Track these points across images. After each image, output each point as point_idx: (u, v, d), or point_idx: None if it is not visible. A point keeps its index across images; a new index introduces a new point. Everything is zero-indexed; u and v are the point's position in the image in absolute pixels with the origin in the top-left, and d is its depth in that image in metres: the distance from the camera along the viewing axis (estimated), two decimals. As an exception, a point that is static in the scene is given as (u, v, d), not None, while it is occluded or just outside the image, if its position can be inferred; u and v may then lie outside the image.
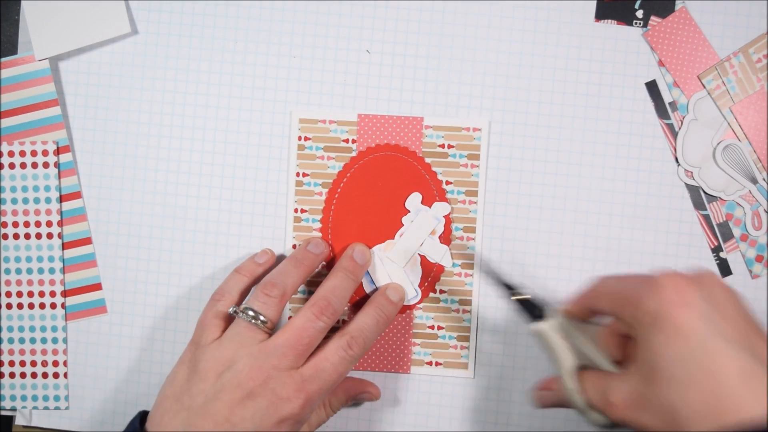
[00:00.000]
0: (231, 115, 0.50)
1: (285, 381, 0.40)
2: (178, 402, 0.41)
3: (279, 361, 0.41)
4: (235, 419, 0.39)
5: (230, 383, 0.40)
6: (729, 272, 0.49)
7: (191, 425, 0.39)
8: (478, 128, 0.49)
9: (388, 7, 0.49)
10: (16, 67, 0.49)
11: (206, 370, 0.41)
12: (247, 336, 0.42)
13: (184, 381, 0.41)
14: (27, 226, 0.50)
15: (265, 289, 0.43)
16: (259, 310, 0.43)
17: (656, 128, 0.49)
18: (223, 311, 0.44)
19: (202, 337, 0.43)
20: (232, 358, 0.41)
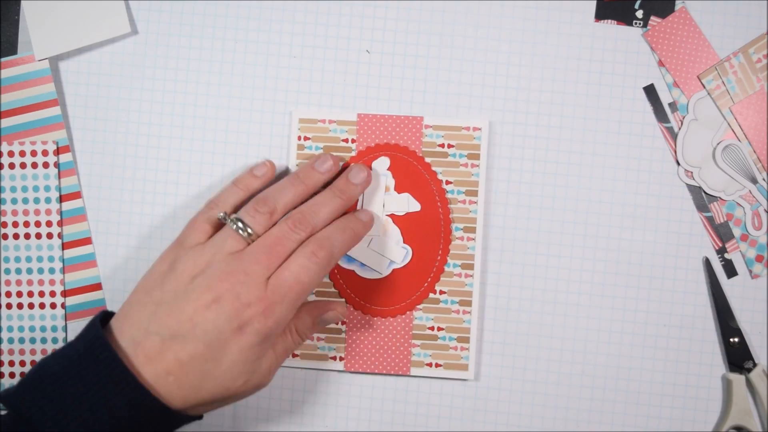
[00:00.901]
0: (231, 115, 0.50)
1: (250, 287, 0.40)
2: (148, 295, 0.41)
3: (249, 267, 0.41)
4: (197, 319, 0.40)
5: (201, 285, 0.40)
6: (734, 273, 0.49)
7: (156, 319, 0.40)
8: (478, 128, 0.49)
9: (388, 7, 0.49)
10: (16, 67, 0.49)
11: (183, 270, 0.41)
12: (230, 244, 0.42)
13: (158, 277, 0.42)
14: (27, 226, 0.50)
15: (257, 204, 0.44)
16: (247, 222, 0.43)
17: (656, 128, 0.49)
18: (213, 218, 0.44)
19: (187, 238, 0.43)
20: (209, 261, 0.41)
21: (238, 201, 0.46)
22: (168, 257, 0.43)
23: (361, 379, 0.50)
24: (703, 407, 0.49)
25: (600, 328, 0.49)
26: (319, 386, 0.50)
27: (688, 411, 0.49)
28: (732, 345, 0.48)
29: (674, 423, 0.49)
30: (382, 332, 0.49)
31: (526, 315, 0.49)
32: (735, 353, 0.48)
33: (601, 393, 0.49)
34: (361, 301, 0.49)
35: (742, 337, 0.48)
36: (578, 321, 0.49)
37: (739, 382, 0.48)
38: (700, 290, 0.49)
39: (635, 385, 0.49)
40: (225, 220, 0.44)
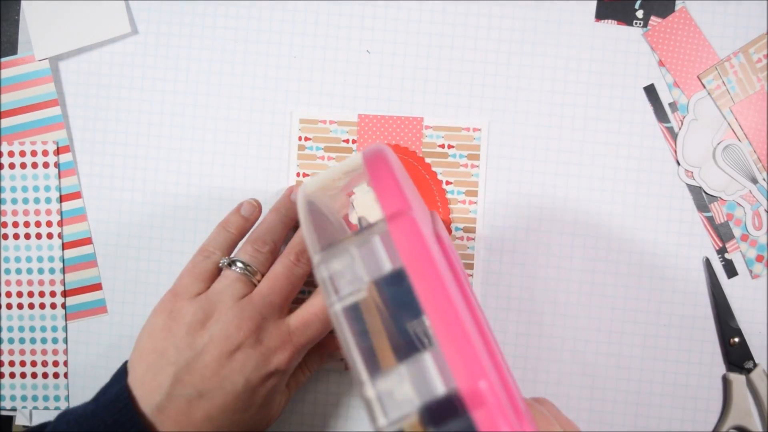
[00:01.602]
0: (231, 115, 0.50)
1: (273, 332, 0.40)
2: (162, 357, 0.39)
3: (266, 311, 0.40)
4: (224, 372, 0.39)
5: (218, 336, 0.39)
6: (735, 273, 0.49)
7: (178, 381, 0.38)
8: (478, 128, 0.49)
9: (388, 7, 0.49)
10: (16, 67, 0.49)
11: (193, 322, 0.40)
12: (237, 287, 0.41)
13: (166, 334, 0.40)
14: (27, 226, 0.50)
15: (256, 244, 0.43)
16: (249, 262, 0.42)
17: (656, 128, 0.49)
18: (210, 268, 0.43)
19: (185, 290, 0.42)
20: (219, 309, 0.40)
21: (230, 244, 0.45)
22: (165, 309, 0.41)
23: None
24: (703, 407, 0.49)
25: (600, 328, 0.49)
26: (319, 386, 0.50)
27: (688, 411, 0.49)
28: (732, 345, 0.48)
29: (674, 423, 0.49)
30: (382, 332, 0.49)
31: (526, 315, 0.49)
32: (735, 353, 0.48)
33: (601, 393, 0.49)
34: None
35: (742, 337, 0.48)
36: (578, 321, 0.49)
37: (739, 382, 0.48)
38: (700, 290, 0.49)
39: (635, 385, 0.49)
40: (226, 265, 0.43)
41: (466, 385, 0.26)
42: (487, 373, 0.26)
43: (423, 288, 0.28)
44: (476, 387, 0.26)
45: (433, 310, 0.27)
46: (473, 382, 0.26)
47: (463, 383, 0.26)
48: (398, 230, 0.29)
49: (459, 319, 0.27)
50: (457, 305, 0.28)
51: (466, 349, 0.27)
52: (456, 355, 0.27)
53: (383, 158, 0.33)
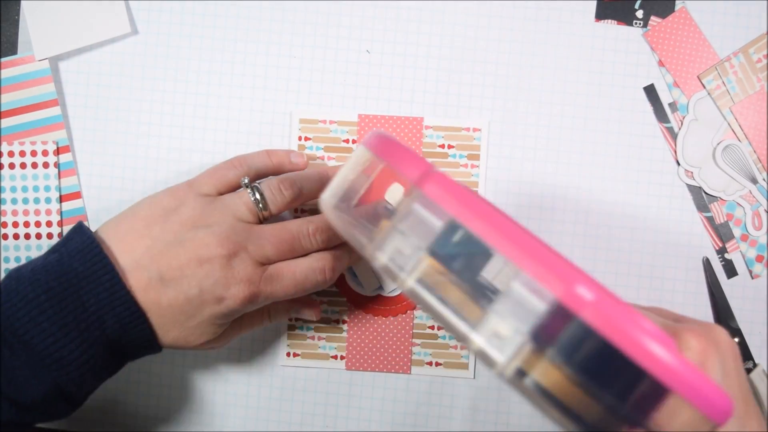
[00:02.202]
0: (231, 115, 0.50)
1: (246, 267, 0.40)
2: (147, 228, 0.41)
3: (254, 249, 0.41)
4: (186, 271, 0.39)
5: (201, 239, 0.40)
6: (735, 273, 0.49)
7: (149, 255, 0.40)
8: (478, 128, 0.49)
9: (388, 7, 0.49)
10: (16, 67, 0.49)
11: (188, 215, 0.41)
12: (242, 211, 0.42)
13: (162, 212, 0.41)
14: (27, 226, 0.50)
15: (282, 183, 0.43)
16: (267, 197, 0.42)
17: (656, 128, 0.49)
18: (232, 179, 0.43)
19: (201, 185, 0.43)
20: (216, 219, 0.41)
21: (263, 170, 0.45)
22: (176, 195, 0.42)
23: (362, 378, 0.50)
24: (702, 407, 0.49)
25: (600, 328, 0.49)
26: (319, 386, 0.50)
27: (688, 411, 0.49)
28: (732, 345, 0.48)
29: (674, 423, 0.49)
30: (383, 331, 0.49)
31: (526, 315, 0.49)
32: (735, 353, 0.48)
33: (601, 393, 0.49)
34: (362, 301, 0.49)
35: (742, 337, 0.48)
36: (578, 321, 0.49)
37: (739, 382, 0.48)
38: (700, 290, 0.49)
39: (635, 384, 0.49)
40: (246, 187, 0.43)
41: (565, 292, 0.26)
42: (578, 276, 0.26)
43: (480, 226, 0.28)
44: (574, 291, 0.26)
45: (500, 241, 0.27)
46: (570, 287, 0.26)
47: (560, 292, 0.26)
48: (432, 188, 0.29)
49: (528, 239, 0.27)
50: (520, 229, 0.28)
51: (548, 261, 0.27)
52: (542, 270, 0.26)
53: (385, 137, 0.33)
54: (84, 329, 0.38)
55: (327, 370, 0.50)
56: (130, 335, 0.39)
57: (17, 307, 0.37)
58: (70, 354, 0.37)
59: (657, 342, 0.26)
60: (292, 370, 0.50)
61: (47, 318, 0.37)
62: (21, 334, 0.37)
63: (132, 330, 0.39)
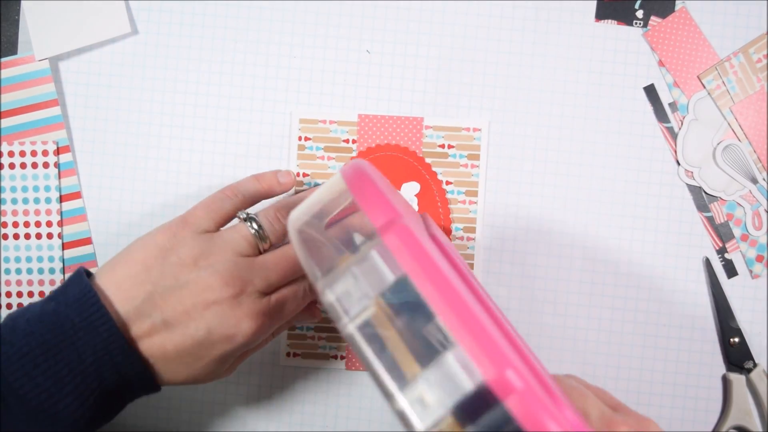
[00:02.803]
0: (231, 115, 0.50)
1: (253, 302, 0.40)
2: (146, 272, 0.39)
3: (258, 282, 0.40)
4: (194, 314, 0.39)
5: (205, 280, 0.39)
6: (735, 273, 0.49)
7: (151, 301, 0.39)
8: (478, 128, 0.49)
9: (388, 7, 0.49)
10: (16, 67, 0.49)
11: (188, 255, 0.40)
12: (242, 246, 0.41)
13: (159, 254, 0.40)
14: (27, 226, 0.50)
15: (279, 212, 0.42)
16: (265, 227, 0.42)
17: (656, 128, 0.49)
18: (227, 210, 0.42)
19: (195, 221, 0.41)
20: (217, 256, 0.40)
21: (255, 197, 0.44)
22: (170, 232, 0.41)
23: (362, 378, 0.50)
24: (703, 407, 0.49)
25: (600, 328, 0.49)
26: (319, 386, 0.50)
27: (688, 411, 0.49)
28: (732, 345, 0.48)
29: (674, 423, 0.49)
30: (382, 332, 0.49)
31: (526, 315, 0.49)
32: (735, 353, 0.48)
33: (601, 393, 0.49)
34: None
35: (742, 337, 0.48)
36: (578, 321, 0.49)
37: (739, 382, 0.48)
38: (700, 290, 0.49)
39: (635, 385, 0.49)
40: (243, 219, 0.42)
41: (493, 376, 0.26)
42: (511, 360, 0.26)
43: (429, 290, 0.28)
44: (503, 376, 0.26)
45: (443, 310, 0.27)
46: (500, 372, 0.26)
47: (489, 375, 0.26)
48: (392, 239, 0.29)
49: (472, 313, 0.27)
50: (467, 300, 0.28)
51: (485, 341, 0.27)
52: (476, 349, 0.27)
53: (363, 173, 0.32)
54: (80, 382, 0.37)
55: (327, 370, 0.50)
56: (131, 385, 0.38)
57: (12, 360, 0.36)
58: (65, 409, 0.36)
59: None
60: (292, 370, 0.50)
61: (41, 372, 0.36)
62: (16, 389, 0.36)
63: (132, 379, 0.38)
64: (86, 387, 0.37)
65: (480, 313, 0.28)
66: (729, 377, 0.48)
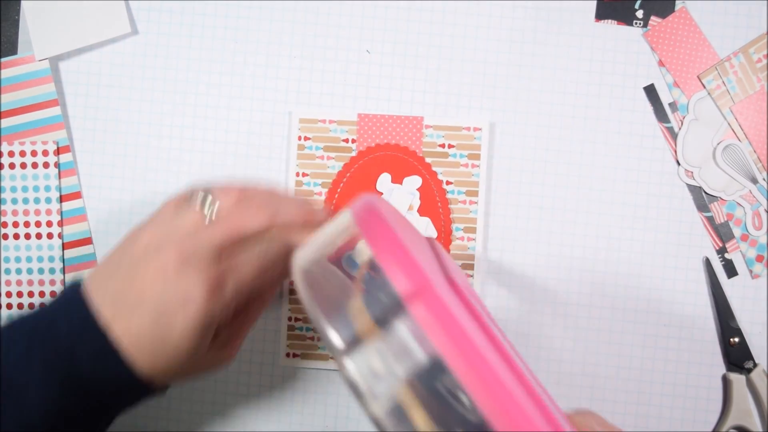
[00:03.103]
0: (231, 115, 0.50)
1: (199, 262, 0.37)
2: (110, 263, 0.39)
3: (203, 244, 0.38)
4: (146, 288, 0.37)
5: (152, 254, 0.38)
6: (735, 273, 0.49)
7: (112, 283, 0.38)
8: (478, 128, 0.49)
9: (388, 7, 0.49)
10: (16, 67, 0.49)
11: (141, 239, 0.39)
12: (190, 217, 0.39)
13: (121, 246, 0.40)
14: (27, 226, 0.50)
15: (230, 186, 0.40)
16: (215, 197, 0.39)
17: (656, 128, 0.49)
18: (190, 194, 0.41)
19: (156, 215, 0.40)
20: (165, 232, 0.38)
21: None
22: (134, 230, 0.40)
23: (361, 379, 0.50)
24: (703, 407, 0.49)
25: (600, 328, 0.49)
26: (319, 386, 0.50)
27: (688, 411, 0.49)
28: (732, 345, 0.48)
29: (674, 423, 0.49)
30: (382, 332, 0.49)
31: (526, 315, 0.49)
32: (735, 353, 0.48)
33: (601, 393, 0.49)
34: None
35: (742, 337, 0.48)
36: (578, 321, 0.49)
37: (739, 382, 0.48)
38: (700, 290, 0.49)
39: (635, 385, 0.49)
40: (192, 194, 0.40)
41: None
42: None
43: (468, 377, 0.25)
44: None
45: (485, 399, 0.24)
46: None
47: None
48: (425, 315, 0.25)
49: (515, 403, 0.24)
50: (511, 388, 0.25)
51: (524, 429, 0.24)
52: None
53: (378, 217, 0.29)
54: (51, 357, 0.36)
55: (327, 370, 0.50)
56: (107, 370, 0.37)
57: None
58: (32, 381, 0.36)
59: None
60: (291, 371, 0.50)
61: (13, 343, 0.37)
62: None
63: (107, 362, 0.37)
64: (57, 360, 0.36)
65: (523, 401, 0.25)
66: (729, 377, 0.48)
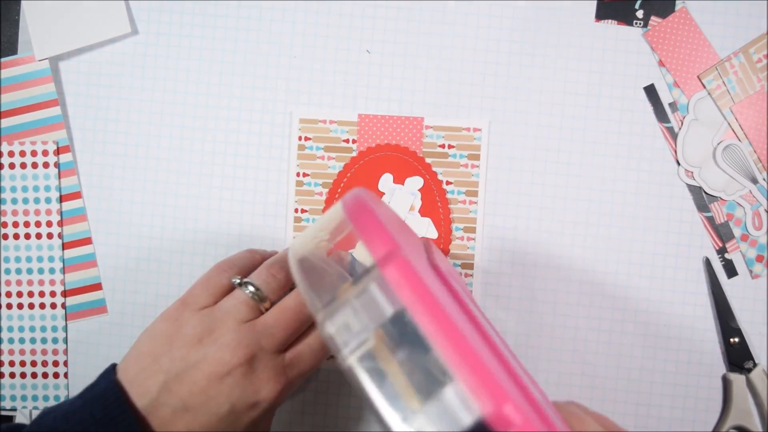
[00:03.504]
0: (231, 115, 0.50)
1: (267, 364, 0.39)
2: (156, 363, 0.39)
3: (266, 342, 0.39)
4: (211, 392, 0.38)
5: (213, 356, 0.38)
6: (735, 273, 0.49)
7: (166, 390, 0.38)
8: (478, 128, 0.49)
9: (388, 7, 0.49)
10: (16, 67, 0.49)
11: (192, 335, 0.39)
12: (243, 310, 0.40)
13: (165, 341, 0.40)
14: (27, 226, 0.50)
15: (272, 269, 0.42)
16: (260, 286, 0.41)
17: (656, 128, 0.49)
18: (224, 283, 0.42)
19: (194, 300, 0.41)
20: (220, 329, 0.39)
21: (250, 266, 0.44)
22: (171, 316, 0.41)
23: (362, 379, 0.50)
24: (703, 407, 0.49)
25: (600, 328, 0.49)
26: (319, 386, 0.50)
27: (688, 411, 0.49)
28: (732, 345, 0.48)
29: (674, 423, 0.49)
30: (382, 332, 0.49)
31: (526, 315, 0.49)
32: (735, 353, 0.48)
33: (601, 393, 0.49)
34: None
35: (742, 337, 0.48)
36: (578, 321, 0.49)
37: (739, 382, 0.48)
38: (700, 290, 0.49)
39: (635, 385, 0.49)
40: (237, 284, 0.41)
41: (492, 411, 0.26)
42: (509, 395, 0.26)
43: (427, 324, 0.28)
44: (502, 411, 0.26)
45: (442, 345, 0.27)
46: (498, 407, 0.26)
47: (488, 410, 0.26)
48: (391, 273, 0.29)
49: (469, 347, 0.27)
50: (465, 333, 0.28)
51: (483, 376, 0.27)
52: (475, 384, 0.26)
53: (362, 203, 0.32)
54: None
55: (327, 370, 0.50)
56: None
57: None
58: None
59: None
60: (292, 370, 0.50)
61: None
62: None
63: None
64: None
65: (478, 345, 0.28)
66: (729, 377, 0.48)
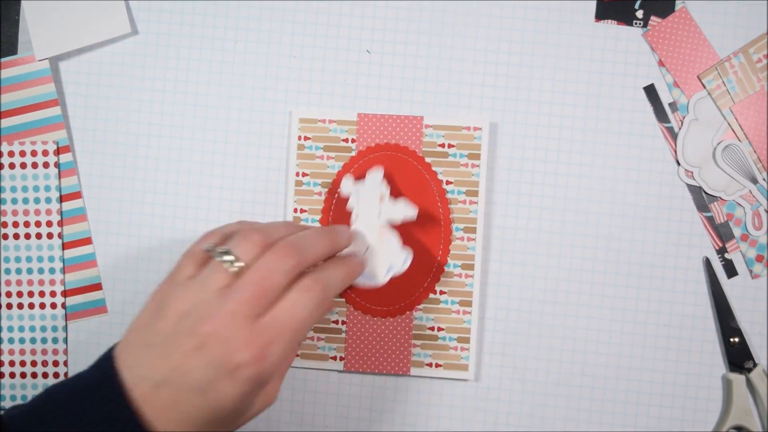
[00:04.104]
0: (231, 115, 0.50)
1: (237, 331, 0.37)
2: (138, 336, 0.38)
3: (236, 308, 0.37)
4: (187, 367, 0.36)
5: (186, 328, 0.37)
6: (735, 273, 0.49)
7: (145, 364, 0.37)
8: (478, 128, 0.49)
9: (388, 7, 0.49)
10: (16, 67, 0.49)
11: (169, 309, 0.38)
12: (216, 279, 0.38)
13: (148, 316, 0.38)
14: (27, 226, 0.50)
15: (247, 233, 0.39)
16: (236, 253, 0.38)
17: (656, 128, 0.49)
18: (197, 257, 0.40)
19: (178, 272, 0.40)
20: (195, 300, 0.37)
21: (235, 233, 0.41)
22: (158, 293, 0.39)
23: (361, 378, 0.50)
24: (703, 407, 0.49)
25: (600, 328, 0.49)
26: (319, 386, 0.50)
27: (688, 411, 0.49)
28: (732, 345, 0.48)
29: (674, 423, 0.49)
30: (382, 332, 0.49)
31: (526, 315, 0.49)
32: (735, 353, 0.48)
33: (601, 393, 0.49)
34: (361, 301, 0.49)
35: (742, 337, 0.48)
36: (578, 321, 0.49)
37: (739, 382, 0.48)
38: (700, 290, 0.49)
39: (635, 385, 0.49)
40: (212, 252, 0.39)
41: None
42: None
43: None
44: None
45: None
46: None
47: None
48: None
49: None
50: None
51: None
52: None
53: None
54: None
55: (327, 370, 0.50)
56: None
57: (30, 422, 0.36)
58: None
59: None
60: (291, 370, 0.50)
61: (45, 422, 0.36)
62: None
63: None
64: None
65: None
66: (729, 377, 0.48)
